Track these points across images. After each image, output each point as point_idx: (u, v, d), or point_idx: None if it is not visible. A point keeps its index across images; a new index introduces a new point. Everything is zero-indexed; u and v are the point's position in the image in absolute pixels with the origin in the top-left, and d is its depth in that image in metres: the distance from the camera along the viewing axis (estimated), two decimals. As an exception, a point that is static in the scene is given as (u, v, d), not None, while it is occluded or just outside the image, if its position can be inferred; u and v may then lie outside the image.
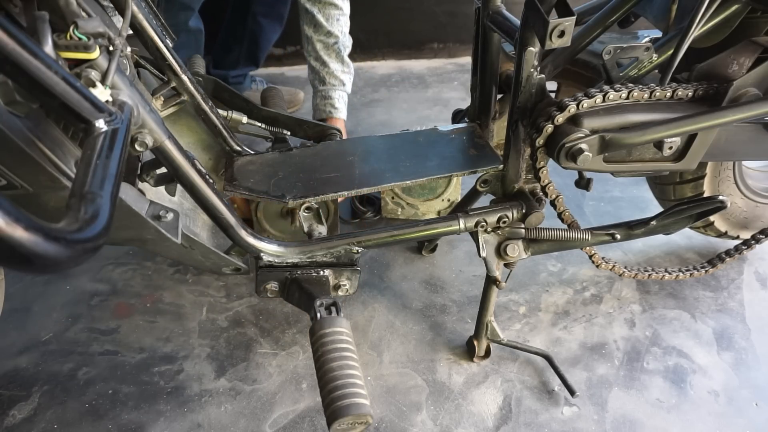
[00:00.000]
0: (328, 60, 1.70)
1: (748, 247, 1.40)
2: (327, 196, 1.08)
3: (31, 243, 0.40)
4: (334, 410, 0.79)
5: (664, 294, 1.45)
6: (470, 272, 1.51)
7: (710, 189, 1.37)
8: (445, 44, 2.80)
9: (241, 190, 1.08)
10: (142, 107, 0.75)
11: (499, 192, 1.16)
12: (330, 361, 0.84)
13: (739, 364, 1.27)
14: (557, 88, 1.38)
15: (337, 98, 1.74)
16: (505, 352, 1.28)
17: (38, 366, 1.25)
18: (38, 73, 0.56)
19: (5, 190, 0.72)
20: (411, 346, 1.31)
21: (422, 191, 1.61)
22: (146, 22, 0.96)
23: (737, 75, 1.03)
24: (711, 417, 1.16)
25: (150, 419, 1.15)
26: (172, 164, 0.85)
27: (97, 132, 0.62)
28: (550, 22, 0.84)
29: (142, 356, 1.28)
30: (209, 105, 1.11)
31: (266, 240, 1.03)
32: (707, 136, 1.06)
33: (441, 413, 1.16)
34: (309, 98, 2.00)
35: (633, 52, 1.08)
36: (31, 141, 0.68)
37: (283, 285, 1.06)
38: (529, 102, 1.01)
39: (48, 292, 1.44)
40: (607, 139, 0.98)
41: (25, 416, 1.15)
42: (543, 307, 1.41)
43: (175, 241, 0.87)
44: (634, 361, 1.27)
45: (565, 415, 1.16)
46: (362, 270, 1.47)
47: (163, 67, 1.03)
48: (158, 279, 1.48)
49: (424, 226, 1.11)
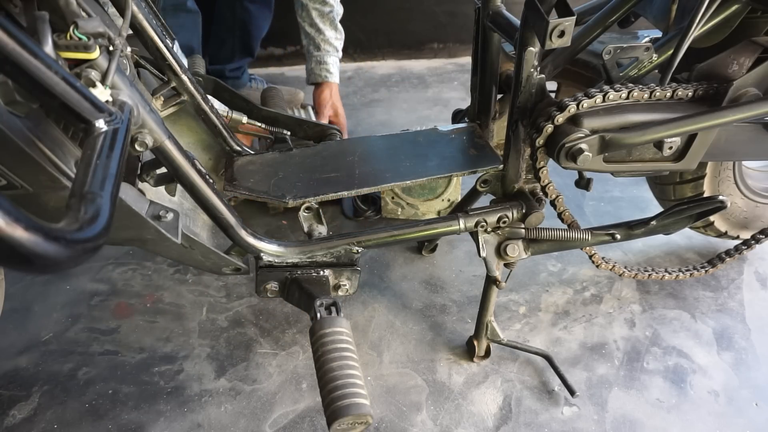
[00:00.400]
0: (323, 27, 1.80)
1: (748, 247, 1.40)
2: (327, 196, 1.08)
3: (31, 243, 0.40)
4: (334, 410, 0.79)
5: (664, 294, 1.45)
6: (470, 272, 1.51)
7: (710, 189, 1.37)
8: (445, 44, 2.80)
9: (241, 190, 1.08)
10: (142, 107, 0.75)
11: (499, 192, 1.16)
12: (330, 361, 0.84)
13: (739, 364, 1.27)
14: (557, 88, 1.39)
15: (332, 63, 1.86)
16: (505, 352, 1.28)
17: (38, 366, 1.25)
18: (38, 73, 0.56)
19: (5, 190, 0.72)
20: (411, 346, 1.31)
21: (422, 191, 1.61)
22: (146, 22, 0.96)
23: (737, 75, 1.03)
24: (711, 417, 1.16)
25: (150, 419, 1.15)
26: (172, 164, 0.85)
27: (97, 132, 0.62)
28: (550, 22, 0.84)
29: (142, 356, 1.28)
30: (209, 105, 1.11)
31: (266, 240, 1.03)
32: (707, 136, 1.06)
33: (441, 413, 1.16)
34: (309, 98, 2.00)
35: (633, 52, 1.08)
36: (31, 141, 0.68)
37: (283, 285, 1.06)
38: (529, 102, 1.01)
39: (48, 292, 1.44)
40: (607, 139, 0.98)
41: (25, 416, 1.15)
42: (543, 307, 1.41)
43: (175, 241, 0.87)
44: (634, 361, 1.27)
45: (565, 415, 1.16)
46: (362, 270, 1.47)
47: (163, 67, 1.03)
48: (158, 279, 1.48)
49: (424, 226, 1.11)
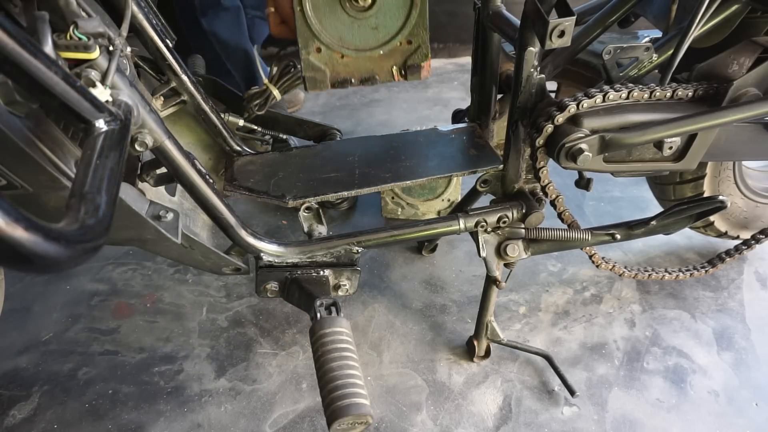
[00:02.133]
0: None
1: (748, 247, 1.40)
2: (327, 196, 1.08)
3: (31, 243, 0.40)
4: (334, 410, 0.79)
5: (664, 294, 1.45)
6: (470, 272, 1.51)
7: (710, 189, 1.37)
8: (445, 44, 2.80)
9: (241, 190, 1.08)
10: (142, 107, 0.75)
11: (499, 192, 1.16)
12: (330, 361, 0.84)
13: (739, 364, 1.27)
14: (557, 88, 1.38)
15: None
16: (505, 352, 1.28)
17: (38, 366, 1.25)
18: (38, 73, 0.56)
19: (5, 190, 0.72)
20: (411, 346, 1.31)
21: (422, 191, 1.61)
22: (146, 22, 0.96)
23: (737, 75, 1.03)
24: (711, 417, 1.16)
25: (150, 419, 1.15)
26: (172, 164, 0.85)
27: (97, 132, 0.62)
28: (550, 22, 0.84)
29: (142, 356, 1.28)
30: (209, 105, 1.11)
31: (266, 240, 1.03)
32: (707, 136, 1.06)
33: (441, 413, 1.16)
34: (309, 98, 2.00)
35: (633, 52, 1.08)
36: (31, 141, 0.68)
37: (283, 285, 1.06)
38: (529, 102, 1.01)
39: (48, 292, 1.44)
40: (607, 139, 0.98)
41: (25, 416, 1.15)
42: (543, 307, 1.41)
43: (175, 241, 0.87)
44: (634, 361, 1.27)
45: (565, 415, 1.16)
46: (362, 270, 1.47)
47: (163, 67, 1.03)
48: (158, 279, 1.48)
49: (424, 226, 1.11)
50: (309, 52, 1.00)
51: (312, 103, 2.30)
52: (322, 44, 0.99)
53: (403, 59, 1.04)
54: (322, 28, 0.97)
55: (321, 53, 1.00)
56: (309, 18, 0.95)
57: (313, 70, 1.02)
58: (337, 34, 0.98)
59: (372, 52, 1.02)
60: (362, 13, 0.95)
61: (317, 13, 0.96)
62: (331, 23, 0.97)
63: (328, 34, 0.98)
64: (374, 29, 0.99)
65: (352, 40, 1.00)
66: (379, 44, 1.01)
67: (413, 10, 0.98)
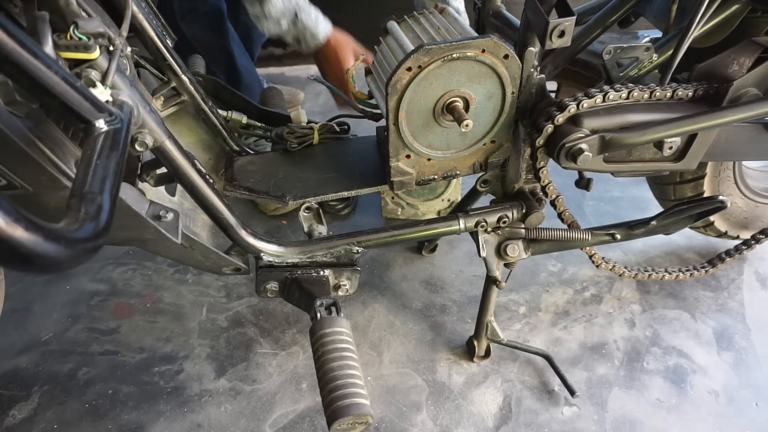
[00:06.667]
0: None
1: (748, 247, 1.40)
2: (327, 196, 1.08)
3: (31, 243, 0.40)
4: (334, 410, 0.79)
5: (664, 294, 1.45)
6: (470, 272, 1.51)
7: (710, 189, 1.37)
8: (445, 44, 2.79)
9: (241, 190, 1.08)
10: (142, 107, 0.75)
11: (499, 192, 1.16)
12: (330, 361, 0.84)
13: (739, 364, 1.27)
14: (557, 88, 1.38)
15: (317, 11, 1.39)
16: (505, 352, 1.28)
17: (38, 366, 1.25)
18: (38, 73, 0.56)
19: (5, 190, 0.72)
20: (411, 346, 1.31)
21: (422, 191, 1.61)
22: (146, 22, 0.96)
23: (737, 75, 1.03)
24: (711, 417, 1.16)
25: (150, 419, 1.15)
26: (172, 164, 0.85)
27: (97, 132, 0.62)
28: (550, 22, 0.84)
29: (142, 356, 1.28)
30: (209, 105, 1.11)
31: (266, 240, 1.03)
32: (707, 136, 1.06)
33: (441, 413, 1.16)
34: (309, 98, 2.00)
35: (633, 52, 1.08)
36: (31, 141, 0.68)
37: (283, 285, 1.06)
38: (529, 102, 1.01)
39: (48, 292, 1.44)
40: (607, 139, 0.98)
41: (25, 416, 1.15)
42: (543, 307, 1.41)
43: (175, 241, 0.87)
44: (634, 361, 1.27)
45: (565, 415, 1.16)
46: (362, 270, 1.47)
47: (163, 67, 1.03)
48: (158, 279, 1.48)
49: (424, 226, 1.11)
50: (399, 159, 1.02)
51: (312, 103, 2.30)
52: (412, 152, 1.02)
53: (485, 156, 1.07)
54: (413, 139, 1.00)
55: (410, 159, 1.03)
56: (403, 133, 0.98)
57: (401, 175, 1.05)
58: (427, 142, 1.01)
59: (458, 153, 1.04)
60: (454, 122, 0.97)
61: (412, 128, 0.98)
62: (424, 135, 1.00)
63: (419, 144, 1.01)
64: (462, 135, 1.02)
65: (440, 145, 1.03)
66: (465, 147, 1.04)
67: (501, 116, 1.00)
